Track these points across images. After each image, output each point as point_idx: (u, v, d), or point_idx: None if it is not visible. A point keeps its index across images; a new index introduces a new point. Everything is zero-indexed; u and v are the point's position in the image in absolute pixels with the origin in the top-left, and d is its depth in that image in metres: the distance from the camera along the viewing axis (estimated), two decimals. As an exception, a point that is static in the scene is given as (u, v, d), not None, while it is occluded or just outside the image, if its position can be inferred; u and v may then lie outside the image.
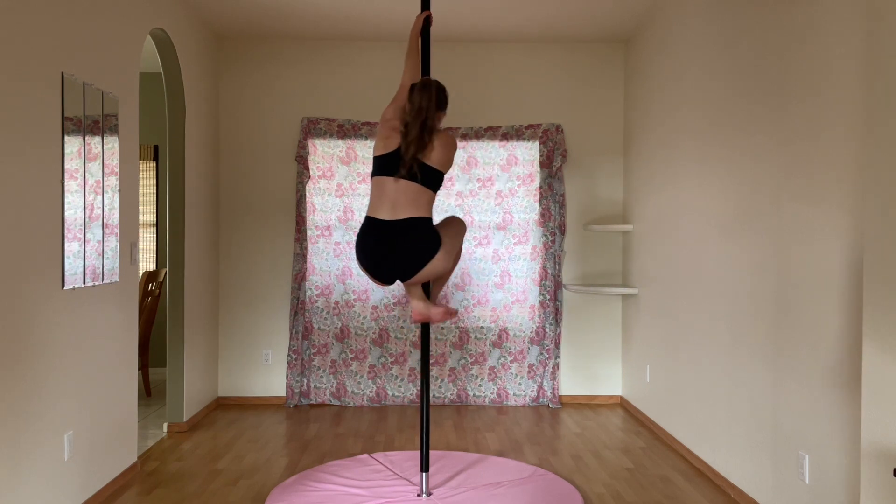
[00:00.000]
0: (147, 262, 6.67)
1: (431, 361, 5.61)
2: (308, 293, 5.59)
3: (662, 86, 4.83)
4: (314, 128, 5.58)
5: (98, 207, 3.53)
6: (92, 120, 3.46)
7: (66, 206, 3.23)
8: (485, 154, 5.64)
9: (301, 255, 5.55)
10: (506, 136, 5.64)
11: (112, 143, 3.68)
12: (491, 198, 5.65)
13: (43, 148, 3.06)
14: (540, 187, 5.62)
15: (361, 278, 5.60)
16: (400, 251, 3.03)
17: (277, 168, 5.64)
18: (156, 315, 5.95)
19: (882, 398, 2.02)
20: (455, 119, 5.65)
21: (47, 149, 3.10)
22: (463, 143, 5.63)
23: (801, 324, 3.06)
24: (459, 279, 5.64)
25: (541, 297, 5.62)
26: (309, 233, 5.59)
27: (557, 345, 5.61)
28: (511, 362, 5.65)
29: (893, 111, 2.00)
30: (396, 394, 5.62)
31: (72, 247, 3.27)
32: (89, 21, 3.45)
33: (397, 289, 5.61)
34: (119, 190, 3.78)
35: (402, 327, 5.62)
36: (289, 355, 5.57)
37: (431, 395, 5.59)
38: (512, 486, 3.68)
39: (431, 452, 4.20)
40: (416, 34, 3.54)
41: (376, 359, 5.61)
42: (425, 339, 3.58)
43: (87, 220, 3.43)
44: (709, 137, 4.04)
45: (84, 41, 3.40)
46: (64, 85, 3.19)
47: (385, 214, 3.07)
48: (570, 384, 5.74)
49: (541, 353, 5.63)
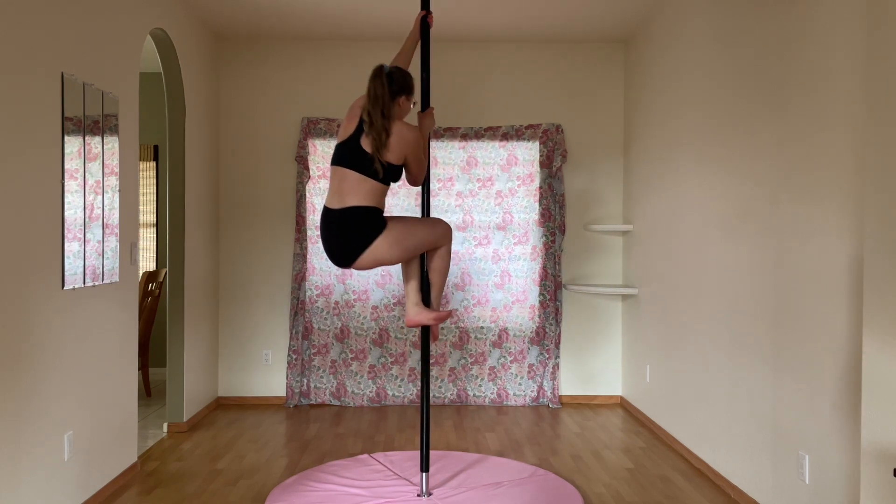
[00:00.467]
0: (147, 262, 6.67)
1: (431, 361, 5.61)
2: (308, 293, 5.59)
3: (662, 86, 4.83)
4: (314, 128, 5.58)
5: (98, 207, 3.53)
6: (92, 120, 3.46)
7: (66, 206, 3.23)
8: (485, 154, 5.64)
9: (301, 255, 5.55)
10: (506, 136, 5.64)
11: (112, 143, 3.68)
12: (491, 198, 5.65)
13: (43, 148, 3.06)
14: (540, 187, 5.62)
15: (362, 278, 5.60)
16: (341, 236, 3.14)
17: (277, 168, 5.64)
18: (156, 315, 5.95)
19: (882, 398, 2.02)
20: (455, 119, 5.65)
21: (47, 149, 3.10)
22: (463, 144, 5.63)
23: (801, 323, 3.06)
24: (459, 279, 5.64)
25: (541, 297, 5.62)
26: (309, 233, 5.59)
27: (557, 345, 5.61)
28: (511, 362, 5.65)
29: (894, 111, 2.00)
30: (396, 394, 5.62)
31: (72, 247, 3.28)
32: (89, 21, 3.45)
33: (397, 289, 5.61)
34: (119, 190, 3.78)
35: (402, 327, 5.61)
36: (289, 355, 5.57)
37: (431, 395, 5.59)
38: (512, 486, 3.68)
39: (431, 452, 4.20)
40: (415, 39, 3.58)
41: (376, 359, 5.61)
42: (425, 340, 3.57)
43: (87, 220, 3.43)
44: (709, 137, 4.04)
45: (84, 41, 3.40)
46: (64, 85, 3.19)
47: (333, 203, 3.19)
48: (570, 384, 5.74)
49: (541, 353, 5.63)
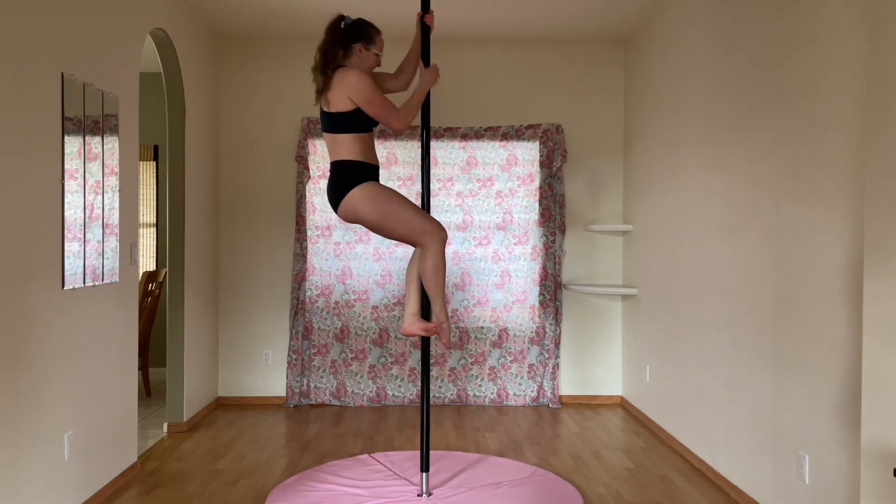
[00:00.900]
0: (147, 262, 6.67)
1: (431, 361, 5.61)
2: (308, 293, 5.59)
3: (662, 86, 4.83)
4: (314, 128, 5.58)
5: (98, 207, 3.53)
6: (92, 120, 3.46)
7: (66, 206, 3.23)
8: (485, 154, 5.64)
9: (301, 255, 5.55)
10: (506, 136, 5.64)
11: (112, 143, 3.68)
12: (491, 198, 5.65)
13: (43, 148, 3.06)
14: (540, 187, 5.62)
15: (361, 278, 5.60)
16: (328, 187, 3.38)
17: (277, 168, 5.64)
18: (156, 315, 5.95)
19: (882, 398, 2.02)
20: (455, 119, 5.65)
21: (47, 149, 3.10)
22: (463, 143, 5.63)
23: (802, 323, 3.06)
24: (459, 279, 5.64)
25: (541, 297, 5.62)
26: (309, 233, 5.59)
27: (557, 345, 5.61)
28: (511, 362, 5.65)
29: (893, 112, 2.00)
30: (396, 394, 5.62)
31: (72, 247, 3.28)
32: (89, 21, 3.45)
33: (397, 289, 5.61)
34: (119, 190, 3.78)
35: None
36: (289, 355, 5.57)
37: (431, 395, 5.59)
38: (512, 486, 3.68)
39: (431, 452, 4.20)
40: (416, 53, 3.55)
41: (376, 359, 5.61)
42: (425, 340, 3.58)
43: (87, 220, 3.43)
44: (708, 137, 4.04)
45: (84, 41, 3.40)
46: (64, 85, 3.19)
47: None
48: (570, 384, 5.74)
49: (541, 353, 5.63)
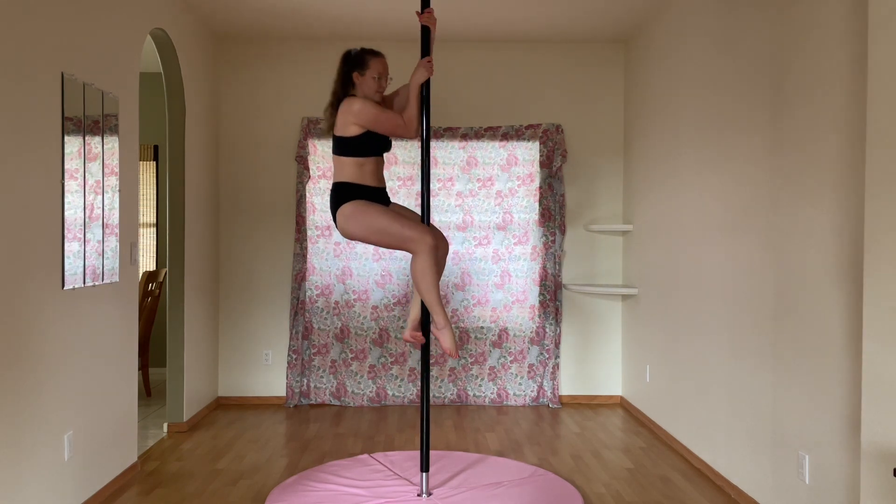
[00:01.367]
0: (147, 262, 6.67)
1: (431, 361, 5.61)
2: (308, 293, 5.59)
3: (662, 86, 4.83)
4: (314, 128, 5.58)
5: (98, 207, 3.53)
6: (92, 120, 3.46)
7: (66, 206, 3.23)
8: (485, 154, 5.64)
9: (301, 255, 5.55)
10: (506, 136, 5.64)
11: (112, 143, 3.68)
12: (491, 198, 5.65)
13: (43, 148, 3.06)
14: (540, 187, 5.62)
15: (361, 278, 5.60)
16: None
17: (277, 168, 5.64)
18: (156, 315, 5.95)
19: (882, 398, 2.02)
20: (455, 119, 5.65)
21: (47, 149, 3.10)
22: (463, 144, 5.63)
23: (801, 323, 3.06)
24: (459, 279, 5.64)
25: (541, 298, 5.62)
26: (309, 233, 5.59)
27: (557, 345, 5.61)
28: (511, 362, 5.65)
29: (892, 112, 2.00)
30: (396, 394, 5.62)
31: (72, 247, 3.27)
32: (89, 21, 3.45)
33: (397, 289, 5.61)
34: (119, 190, 3.78)
35: (402, 327, 5.61)
36: (289, 355, 5.57)
37: (431, 395, 5.59)
38: (512, 486, 3.68)
39: (431, 452, 4.20)
40: (417, 95, 3.47)
41: (376, 359, 5.61)
42: (425, 340, 3.58)
43: (87, 220, 3.43)
44: (708, 137, 4.04)
45: (84, 41, 3.40)
46: (64, 85, 3.19)
47: None
48: (570, 384, 5.74)
49: (541, 353, 5.63)
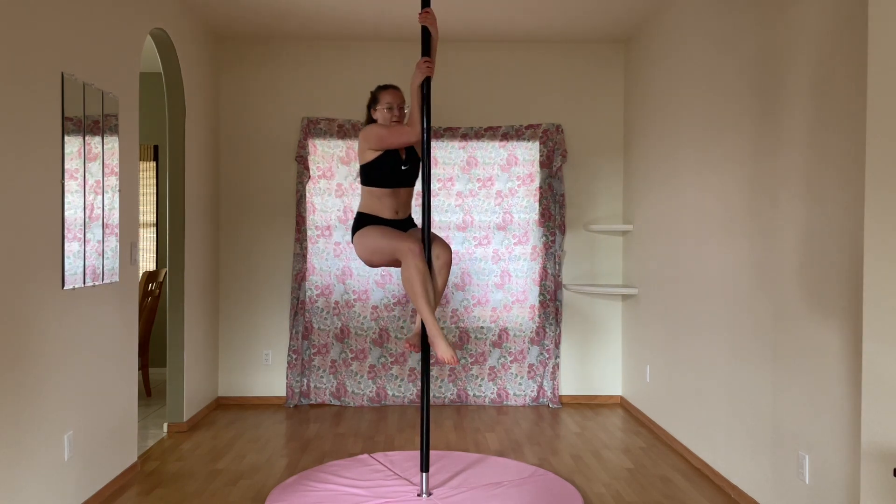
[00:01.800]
0: (147, 262, 6.67)
1: (431, 362, 5.60)
2: (308, 293, 5.59)
3: (662, 86, 4.83)
4: (314, 128, 5.58)
5: (98, 207, 3.53)
6: (92, 120, 3.46)
7: (67, 206, 3.23)
8: (485, 154, 5.64)
9: (301, 255, 5.55)
10: (506, 136, 5.64)
11: (112, 143, 3.68)
12: (491, 198, 5.65)
13: (43, 148, 3.06)
14: (540, 187, 5.62)
15: (361, 278, 5.60)
16: None
17: (277, 168, 5.64)
18: (156, 315, 5.95)
19: (882, 398, 2.02)
20: (455, 119, 5.65)
21: (47, 149, 3.10)
22: (463, 143, 5.64)
23: (801, 323, 3.06)
24: (459, 279, 5.64)
25: (541, 297, 5.62)
26: (309, 233, 5.59)
27: (557, 345, 5.61)
28: (511, 362, 5.65)
29: (893, 111, 2.00)
30: (396, 394, 5.61)
31: (72, 247, 3.27)
32: (89, 21, 3.45)
33: (397, 289, 5.61)
34: (119, 190, 3.78)
35: (402, 327, 5.61)
36: (289, 355, 5.57)
37: (431, 395, 5.59)
38: (512, 486, 3.68)
39: (431, 452, 4.20)
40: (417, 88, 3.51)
41: (376, 359, 5.61)
42: (425, 340, 3.58)
43: (87, 220, 3.43)
44: (708, 137, 4.04)
45: (84, 41, 3.40)
46: (64, 85, 3.19)
47: None
48: (570, 384, 5.74)
49: (541, 353, 5.63)
